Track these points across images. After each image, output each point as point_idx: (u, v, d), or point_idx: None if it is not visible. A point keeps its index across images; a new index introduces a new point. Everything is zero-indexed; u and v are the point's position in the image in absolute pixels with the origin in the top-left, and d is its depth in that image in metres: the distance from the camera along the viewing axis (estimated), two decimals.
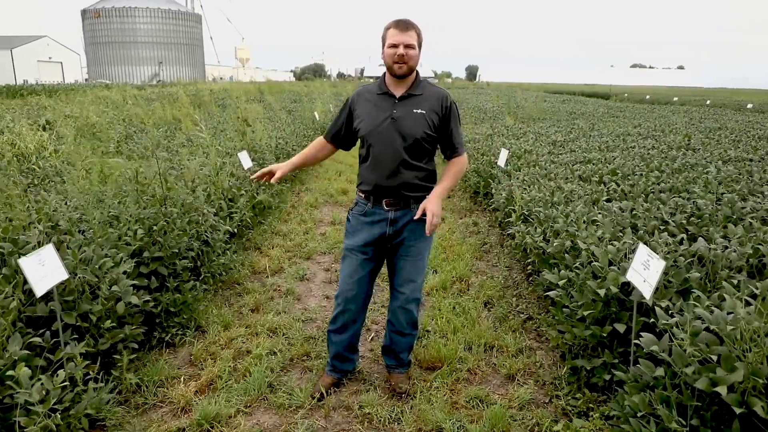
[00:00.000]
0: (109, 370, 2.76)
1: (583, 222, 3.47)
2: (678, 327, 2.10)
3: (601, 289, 2.57)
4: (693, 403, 1.97)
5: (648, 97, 29.31)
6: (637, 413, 2.09)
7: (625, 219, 3.40)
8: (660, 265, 2.17)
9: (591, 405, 2.62)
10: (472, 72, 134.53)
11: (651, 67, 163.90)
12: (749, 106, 20.91)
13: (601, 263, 2.68)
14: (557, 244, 3.29)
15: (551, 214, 3.79)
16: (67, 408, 2.27)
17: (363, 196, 2.68)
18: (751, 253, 2.79)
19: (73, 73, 77.56)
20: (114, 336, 2.74)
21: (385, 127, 2.55)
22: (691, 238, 3.24)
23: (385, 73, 2.62)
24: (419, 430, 2.56)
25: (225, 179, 5.12)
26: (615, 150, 6.74)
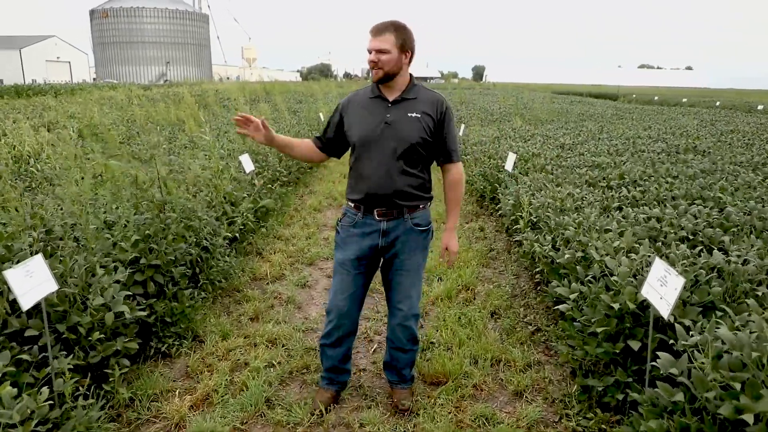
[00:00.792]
0: (101, 384, 2.66)
1: (596, 231, 3.34)
2: (699, 349, 1.98)
3: (616, 304, 2.44)
4: None
5: (656, 99, 29.05)
6: None
7: (642, 228, 3.26)
8: (679, 283, 2.04)
9: (603, 426, 2.49)
10: (478, 72, 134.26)
11: (659, 68, 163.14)
12: (760, 107, 20.63)
13: (618, 277, 2.55)
14: (569, 255, 3.16)
15: (562, 221, 3.66)
16: (55, 426, 2.17)
17: (353, 205, 2.55)
18: None
19: (81, 73, 78.02)
20: (106, 349, 2.64)
21: (379, 132, 2.42)
22: (707, 249, 3.10)
23: None
24: None
25: (227, 183, 5.02)
26: (624, 154, 6.59)
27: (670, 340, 2.40)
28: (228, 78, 70.88)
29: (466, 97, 22.49)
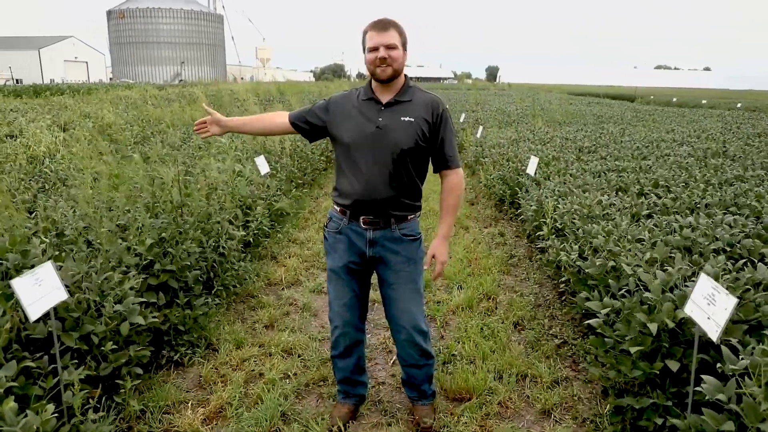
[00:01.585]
0: (112, 395, 2.56)
1: (627, 240, 3.18)
2: (750, 375, 1.83)
3: (653, 323, 2.29)
4: None
5: (675, 100, 28.56)
6: None
7: (676, 238, 3.10)
8: (730, 303, 1.88)
9: None
10: (492, 73, 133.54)
11: (676, 68, 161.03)
12: None
13: (654, 294, 2.40)
14: (599, 264, 3.01)
15: (590, 229, 3.51)
16: None
17: (338, 210, 2.43)
18: None
19: (98, 73, 78.98)
20: (117, 359, 2.54)
21: (370, 137, 2.28)
22: (750, 262, 2.93)
23: (371, 79, 2.36)
24: None
25: (243, 186, 4.92)
26: (649, 157, 6.39)
27: (711, 359, 2.25)
28: (242, 78, 71.20)
29: (481, 98, 22.26)
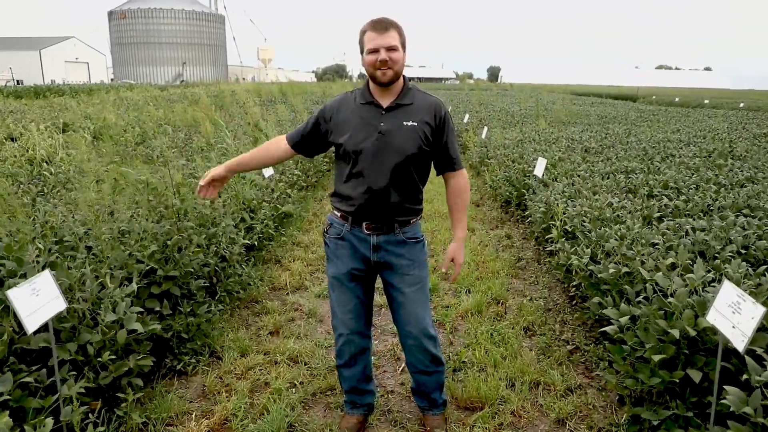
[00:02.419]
0: (113, 408, 2.48)
1: (641, 244, 3.10)
2: None
3: (675, 330, 2.21)
4: None
5: (677, 100, 28.45)
6: None
7: (690, 241, 3.02)
8: (758, 312, 1.80)
9: None
10: (493, 73, 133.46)
11: (677, 69, 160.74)
12: None
13: (678, 300, 2.31)
14: (613, 270, 2.93)
15: (603, 233, 3.42)
16: None
17: (339, 216, 2.35)
18: None
19: (99, 74, 78.96)
20: (117, 369, 2.46)
21: (372, 143, 2.20)
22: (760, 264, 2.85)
23: (368, 81, 2.27)
24: None
25: (247, 189, 4.84)
26: (655, 158, 6.31)
27: (733, 368, 2.18)
28: (244, 79, 71.17)
29: (484, 98, 22.18)
